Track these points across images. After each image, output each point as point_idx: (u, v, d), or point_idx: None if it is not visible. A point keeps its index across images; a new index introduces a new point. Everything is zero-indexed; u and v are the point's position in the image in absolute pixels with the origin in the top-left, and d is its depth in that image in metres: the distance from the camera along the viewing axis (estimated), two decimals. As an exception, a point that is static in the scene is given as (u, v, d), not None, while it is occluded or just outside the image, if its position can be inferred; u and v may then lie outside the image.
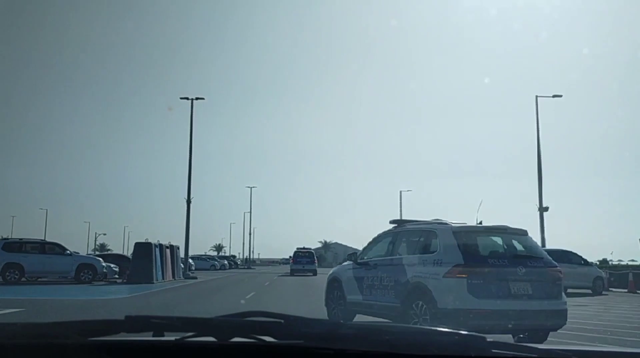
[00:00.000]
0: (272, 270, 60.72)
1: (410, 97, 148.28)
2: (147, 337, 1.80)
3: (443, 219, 9.51)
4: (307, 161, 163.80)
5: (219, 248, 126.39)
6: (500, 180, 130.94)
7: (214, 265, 57.76)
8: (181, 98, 35.48)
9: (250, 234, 79.42)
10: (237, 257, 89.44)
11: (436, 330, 1.84)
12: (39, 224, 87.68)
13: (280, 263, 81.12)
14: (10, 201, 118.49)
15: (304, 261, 46.72)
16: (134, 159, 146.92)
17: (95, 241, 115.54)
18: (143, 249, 28.31)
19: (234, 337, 1.71)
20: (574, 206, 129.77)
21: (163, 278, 28.05)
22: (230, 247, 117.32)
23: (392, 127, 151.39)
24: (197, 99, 35.39)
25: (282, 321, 1.75)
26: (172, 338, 1.76)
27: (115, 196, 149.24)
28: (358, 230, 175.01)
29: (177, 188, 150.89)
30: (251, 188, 76.39)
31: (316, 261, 48.27)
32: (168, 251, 30.07)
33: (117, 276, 28.61)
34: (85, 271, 26.57)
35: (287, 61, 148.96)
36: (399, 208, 69.26)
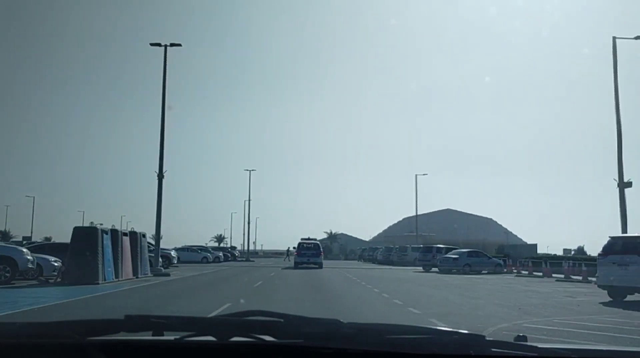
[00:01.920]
0: (274, 263, 55.17)
1: (421, 84, 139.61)
2: (147, 336, 1.82)
3: None
4: (313, 150, 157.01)
5: (220, 238, 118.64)
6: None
7: (205, 257, 51.01)
8: (152, 44, 25.90)
9: (248, 223, 69.72)
10: (237, 248, 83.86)
11: (436, 330, 1.88)
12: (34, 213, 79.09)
13: (287, 255, 71.98)
14: (4, 190, 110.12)
15: (308, 253, 42.32)
16: (131, 147, 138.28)
17: None
18: (85, 236, 19.03)
19: (233, 336, 1.73)
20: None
21: (117, 277, 19.60)
22: (231, 238, 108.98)
23: (402, 114, 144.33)
24: (172, 45, 25.88)
25: (282, 320, 1.77)
26: (172, 338, 1.78)
27: (112, 184, 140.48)
28: (365, 221, 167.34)
29: (180, 177, 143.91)
30: (250, 170, 67.19)
31: (322, 253, 44.06)
32: (126, 240, 20.67)
33: (55, 273, 21.86)
34: (2, 266, 20.06)
35: (294, 46, 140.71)
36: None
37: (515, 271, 37.04)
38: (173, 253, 38.04)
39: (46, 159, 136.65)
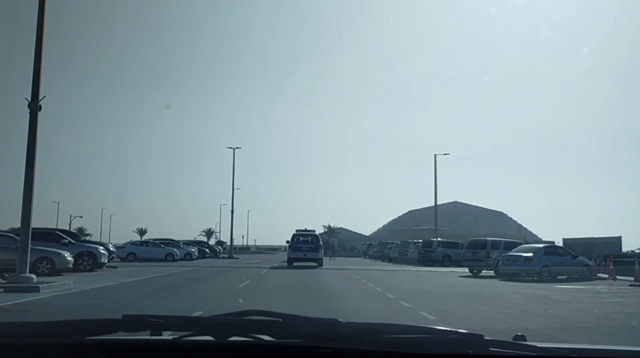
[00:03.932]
0: (262, 261, 45.09)
1: (422, 77, 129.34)
2: (145, 336, 1.79)
3: None
4: (309, 144, 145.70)
5: (209, 233, 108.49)
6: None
7: (171, 254, 41.49)
8: None
9: (232, 211, 56.44)
10: (225, 243, 76.85)
11: (435, 329, 1.83)
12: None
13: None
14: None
15: (305, 247, 33.41)
16: (117, 137, 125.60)
17: (70, 225, 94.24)
18: None
19: (232, 336, 1.69)
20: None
21: None
22: (220, 232, 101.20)
23: (404, 106, 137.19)
24: None
25: (281, 320, 1.74)
26: (170, 338, 1.75)
27: (92, 170, 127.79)
28: (364, 215, 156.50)
29: (174, 171, 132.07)
30: (234, 148, 53.83)
31: (322, 247, 35.42)
32: None
33: None
34: None
35: (295, 35, 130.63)
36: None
37: (608, 276, 25.45)
38: (103, 249, 24.72)
39: (17, 146, 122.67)
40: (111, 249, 27.83)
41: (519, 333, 1.88)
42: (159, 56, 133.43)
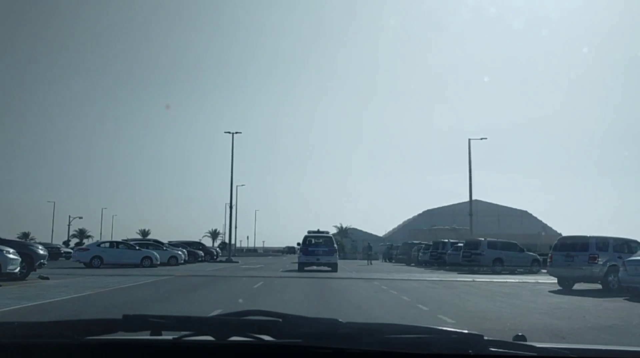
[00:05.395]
0: (266, 266, 38.62)
1: (425, 77, 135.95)
2: (145, 336, 1.78)
3: None
4: (320, 141, 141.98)
5: (215, 234, 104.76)
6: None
7: (148, 258, 32.83)
8: None
9: (231, 207, 48.34)
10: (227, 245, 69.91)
11: (435, 329, 1.81)
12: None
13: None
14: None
15: (318, 250, 30.49)
16: (105, 134, 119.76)
17: (69, 226, 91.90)
18: None
19: (232, 335, 1.69)
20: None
21: None
22: (225, 233, 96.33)
23: (418, 104, 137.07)
24: None
25: (281, 320, 1.73)
26: (170, 338, 1.74)
27: (94, 170, 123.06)
28: (376, 215, 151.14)
29: (178, 170, 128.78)
30: (233, 133, 45.58)
31: (337, 250, 32.44)
32: None
33: None
34: None
35: (306, 32, 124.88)
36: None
37: None
38: (13, 253, 16.61)
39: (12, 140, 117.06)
40: (40, 252, 19.03)
41: (520, 333, 1.88)
42: (161, 55, 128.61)
